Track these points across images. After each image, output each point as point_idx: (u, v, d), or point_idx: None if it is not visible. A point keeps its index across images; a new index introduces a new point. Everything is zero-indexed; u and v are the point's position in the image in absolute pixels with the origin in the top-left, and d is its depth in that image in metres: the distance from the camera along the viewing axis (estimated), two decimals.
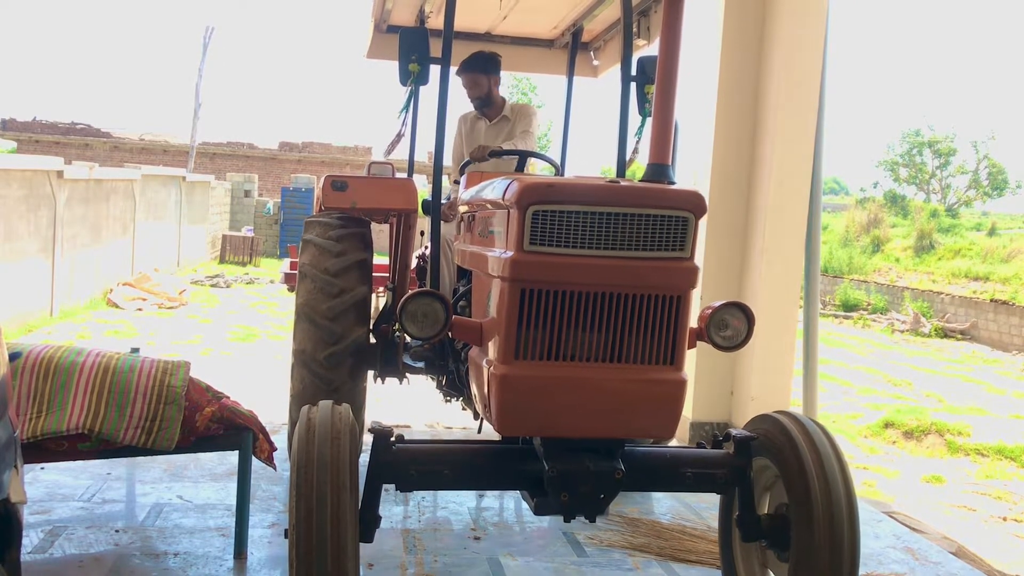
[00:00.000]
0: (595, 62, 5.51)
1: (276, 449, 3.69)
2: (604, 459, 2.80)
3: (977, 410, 8.92)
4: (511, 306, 2.68)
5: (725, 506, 3.23)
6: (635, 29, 4.38)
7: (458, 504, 4.41)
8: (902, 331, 20.96)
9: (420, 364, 4.35)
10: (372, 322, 4.51)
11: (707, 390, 5.94)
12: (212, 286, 14.95)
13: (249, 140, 31.89)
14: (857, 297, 25.15)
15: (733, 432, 3.02)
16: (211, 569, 3.45)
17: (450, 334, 3.00)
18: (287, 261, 6.63)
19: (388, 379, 4.77)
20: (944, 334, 21.12)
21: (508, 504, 4.48)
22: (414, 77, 3.77)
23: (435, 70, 3.78)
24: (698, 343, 3.04)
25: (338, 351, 4.07)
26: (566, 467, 2.76)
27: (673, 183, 2.89)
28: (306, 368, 4.07)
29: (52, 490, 4.18)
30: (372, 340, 4.46)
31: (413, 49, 3.74)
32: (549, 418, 2.74)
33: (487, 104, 4.88)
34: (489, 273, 2.91)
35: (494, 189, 3.01)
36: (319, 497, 2.48)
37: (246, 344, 9.41)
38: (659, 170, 2.87)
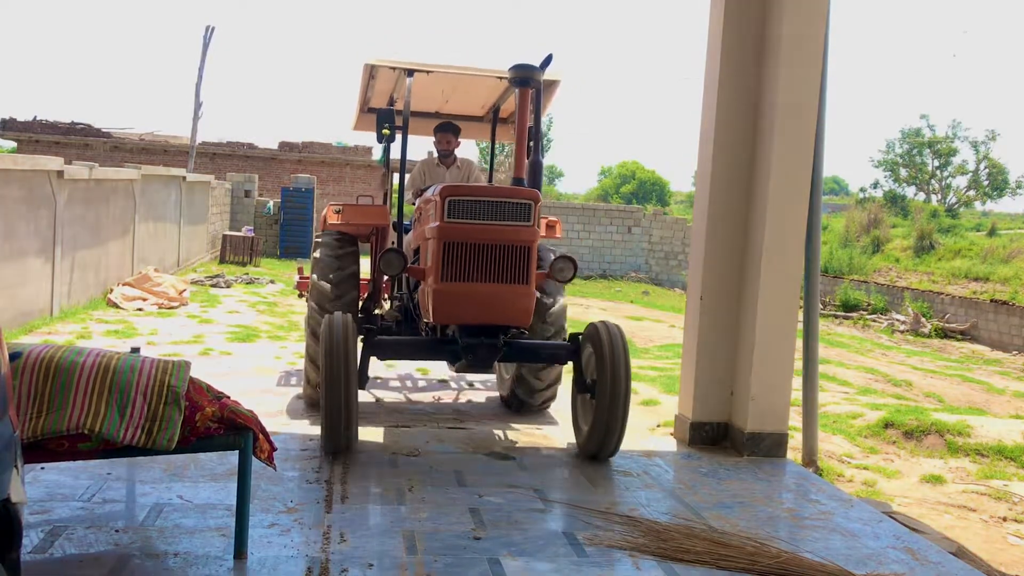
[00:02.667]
0: (513, 132, 6.94)
1: (276, 449, 3.69)
2: (491, 339, 5.15)
3: (977, 410, 8.91)
4: (438, 252, 4.98)
5: (572, 377, 5.59)
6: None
7: (458, 504, 4.41)
8: (902, 331, 20.95)
9: (391, 325, 6.31)
10: (360, 304, 6.52)
11: (707, 390, 5.94)
12: (212, 286, 14.93)
13: (249, 140, 31.88)
14: (857, 297, 25.15)
15: (571, 333, 5.62)
16: (211, 569, 3.46)
17: (407, 275, 5.67)
18: (297, 279, 8.42)
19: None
20: (944, 334, 21.11)
21: (508, 504, 4.48)
22: (386, 137, 5.80)
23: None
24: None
25: None
26: (470, 342, 5.11)
27: (523, 186, 5.27)
28: (316, 339, 5.97)
29: (52, 490, 4.18)
30: (360, 315, 6.43)
31: (385, 120, 5.74)
32: (460, 313, 5.08)
33: (448, 156, 6.80)
34: (427, 237, 5.21)
35: (430, 191, 5.46)
36: (337, 361, 4.82)
37: (246, 344, 9.41)
38: (518, 180, 5.38)
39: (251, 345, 9.41)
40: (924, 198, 46.65)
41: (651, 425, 6.79)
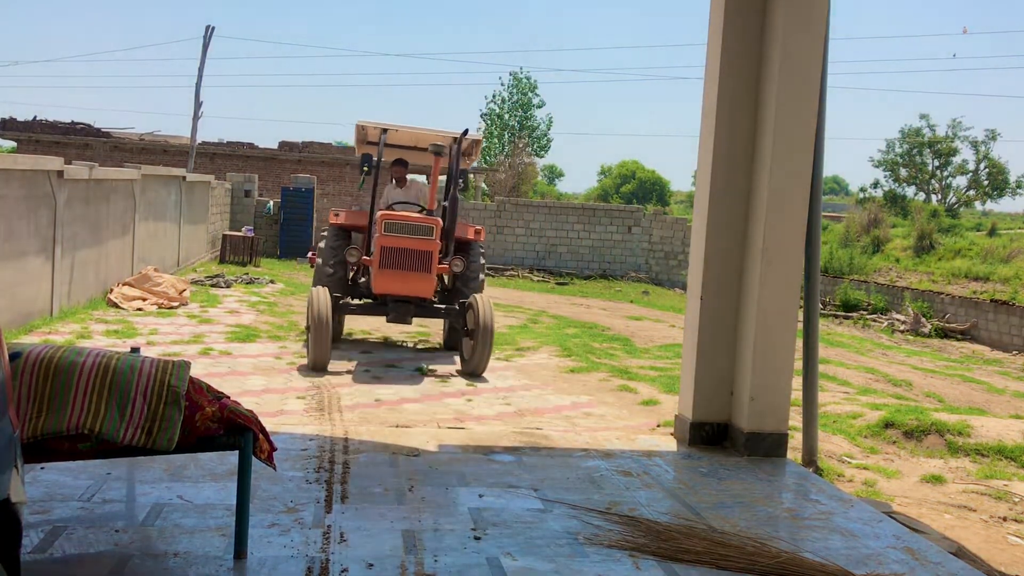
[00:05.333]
0: (466, 160, 10.55)
1: (276, 449, 3.69)
2: (408, 305, 8.72)
3: (977, 410, 8.91)
4: (377, 253, 8.53)
5: (460, 325, 9.01)
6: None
7: (458, 504, 4.41)
8: (902, 331, 20.94)
9: (362, 286, 9.57)
10: (351, 274, 9.92)
11: (707, 390, 5.94)
12: (212, 286, 14.92)
13: (249, 140, 31.82)
14: (857, 297, 25.15)
15: (461, 300, 9.17)
16: (211, 569, 3.46)
17: (365, 263, 9.24)
18: (310, 254, 11.58)
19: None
20: (944, 334, 21.11)
21: (508, 504, 4.48)
22: (366, 173, 9.40)
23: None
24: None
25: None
26: (396, 306, 8.70)
27: (432, 215, 9.13)
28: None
29: (52, 490, 4.18)
30: (349, 282, 9.75)
31: (365, 163, 9.41)
32: (390, 288, 8.61)
33: (399, 178, 10.12)
34: (373, 242, 8.74)
35: (378, 214, 8.85)
36: (319, 314, 8.11)
37: (246, 344, 9.42)
38: (430, 212, 9.33)
39: (251, 345, 9.42)
40: (924, 198, 46.63)
41: (651, 425, 6.79)
